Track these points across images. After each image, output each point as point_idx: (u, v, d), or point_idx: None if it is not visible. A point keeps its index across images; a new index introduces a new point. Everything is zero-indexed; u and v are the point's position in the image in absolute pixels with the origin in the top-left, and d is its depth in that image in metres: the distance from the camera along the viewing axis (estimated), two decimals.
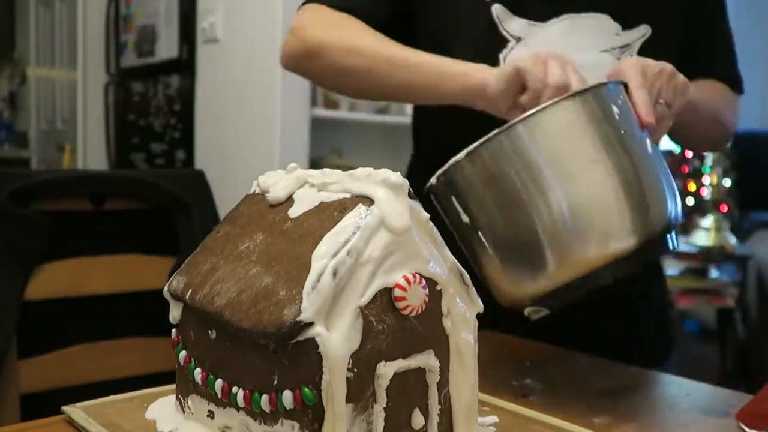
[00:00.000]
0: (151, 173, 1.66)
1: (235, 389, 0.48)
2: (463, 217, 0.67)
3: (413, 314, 0.47)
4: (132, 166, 3.14)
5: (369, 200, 0.47)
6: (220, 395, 0.50)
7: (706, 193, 3.25)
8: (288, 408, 0.44)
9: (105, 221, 1.24)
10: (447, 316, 0.49)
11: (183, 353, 0.54)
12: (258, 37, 2.49)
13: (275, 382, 0.45)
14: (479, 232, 0.67)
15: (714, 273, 2.97)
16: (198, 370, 0.52)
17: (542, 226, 0.63)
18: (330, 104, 2.80)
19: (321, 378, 0.43)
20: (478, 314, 0.52)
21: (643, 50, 0.88)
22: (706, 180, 3.27)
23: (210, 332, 0.51)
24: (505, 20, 0.87)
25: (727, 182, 3.28)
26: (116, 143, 3.30)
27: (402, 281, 0.46)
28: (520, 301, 0.68)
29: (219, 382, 0.50)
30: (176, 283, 0.55)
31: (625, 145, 0.65)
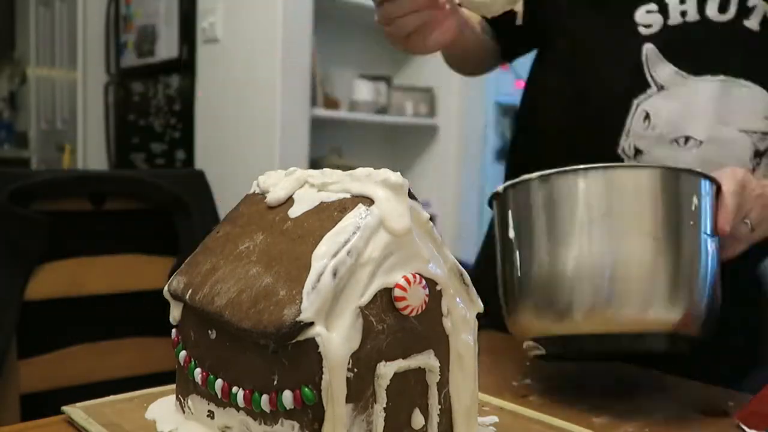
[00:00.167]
0: (151, 173, 1.66)
1: (235, 389, 0.48)
2: (510, 232, 0.68)
3: (413, 314, 0.47)
4: (132, 166, 3.14)
5: (369, 200, 0.47)
6: (220, 395, 0.50)
7: None
8: (288, 408, 0.44)
9: (105, 221, 1.24)
10: (447, 316, 0.49)
11: (183, 353, 0.54)
12: (258, 37, 2.49)
13: (275, 382, 0.45)
14: (518, 252, 0.67)
15: None
16: (198, 370, 0.52)
17: (582, 271, 0.63)
18: (330, 104, 2.80)
19: (321, 378, 0.43)
20: (478, 314, 0.52)
21: None
22: None
23: (210, 332, 0.51)
24: (654, 63, 0.80)
25: None
26: (116, 143, 3.30)
27: (402, 281, 0.46)
28: (526, 331, 0.68)
29: (219, 382, 0.50)
30: (176, 283, 0.55)
31: (684, 234, 0.65)
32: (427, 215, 0.50)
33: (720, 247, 0.68)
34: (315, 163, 2.68)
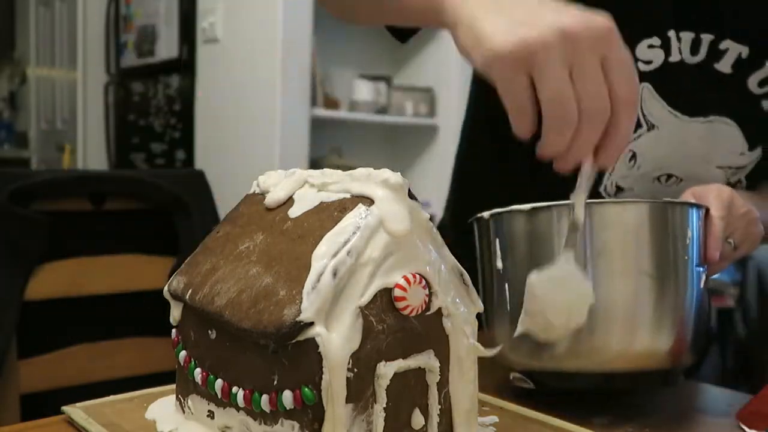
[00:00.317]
0: (151, 173, 1.66)
1: (235, 389, 0.48)
2: (498, 263, 0.66)
3: (413, 314, 0.47)
4: (132, 166, 3.15)
5: (369, 200, 0.47)
6: (220, 395, 0.50)
7: None
8: (288, 408, 0.44)
9: (105, 221, 1.24)
10: (447, 316, 0.49)
11: (183, 353, 0.54)
12: (258, 37, 2.49)
13: (275, 382, 0.45)
14: (507, 284, 0.65)
15: None
16: (198, 370, 0.52)
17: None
18: (330, 104, 2.80)
19: (321, 378, 0.43)
20: (478, 314, 0.52)
21: (753, 172, 0.80)
22: None
23: (210, 332, 0.51)
24: (649, 103, 0.76)
25: None
26: (116, 143, 3.30)
27: (402, 281, 0.46)
28: (513, 363, 0.67)
29: (219, 382, 0.50)
30: (176, 283, 0.55)
31: (680, 271, 0.63)
32: (427, 215, 0.50)
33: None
34: (315, 163, 2.68)
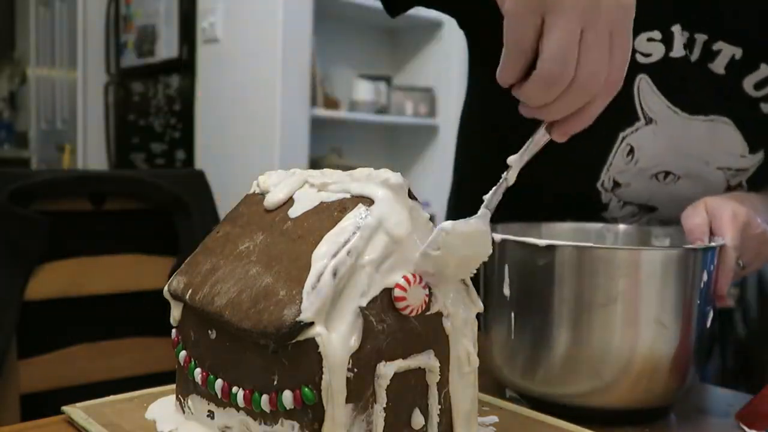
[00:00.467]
0: (151, 173, 1.66)
1: (235, 389, 0.48)
2: (505, 289, 0.65)
3: (413, 314, 0.47)
4: (132, 166, 3.15)
5: (369, 200, 0.47)
6: (220, 395, 0.50)
7: None
8: (288, 408, 0.44)
9: (105, 221, 1.24)
10: (447, 316, 0.49)
11: (183, 353, 0.54)
12: (258, 37, 2.49)
13: (275, 382, 0.45)
14: (513, 312, 0.65)
15: None
16: (198, 370, 0.52)
17: (580, 348, 0.61)
18: (330, 104, 2.80)
19: (321, 378, 0.43)
20: (478, 314, 0.52)
21: (755, 175, 0.79)
22: None
23: (210, 332, 0.51)
24: (646, 95, 0.74)
25: None
26: (116, 143, 3.30)
27: (402, 281, 0.46)
28: (511, 383, 0.67)
29: (219, 382, 0.50)
30: (176, 283, 0.55)
31: (691, 315, 0.62)
32: (427, 215, 0.50)
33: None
34: (315, 163, 2.68)
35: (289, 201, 0.52)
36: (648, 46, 0.72)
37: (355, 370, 0.44)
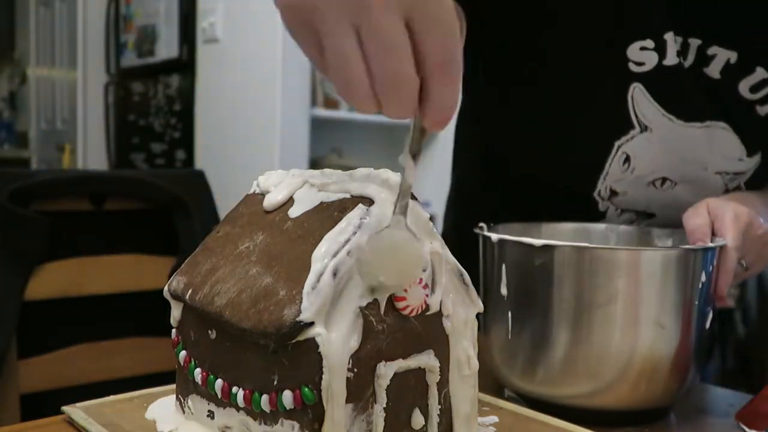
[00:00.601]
0: (151, 173, 1.66)
1: (235, 389, 0.48)
2: (503, 289, 0.65)
3: (413, 314, 0.47)
4: (132, 166, 3.15)
5: (369, 200, 0.47)
6: (220, 395, 0.50)
7: None
8: (288, 408, 0.44)
9: (105, 221, 1.25)
10: (447, 316, 0.49)
11: (183, 353, 0.54)
12: (258, 37, 2.49)
13: (275, 382, 0.45)
14: (511, 313, 0.65)
15: None
16: (198, 370, 0.52)
17: (580, 349, 0.61)
18: (330, 104, 2.80)
19: (321, 378, 0.43)
20: (478, 314, 0.52)
21: (753, 177, 0.79)
22: None
23: (210, 332, 0.51)
24: (641, 103, 0.74)
25: None
26: (116, 143, 3.30)
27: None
28: (510, 384, 0.67)
29: (219, 382, 0.50)
30: (176, 283, 0.55)
31: (691, 315, 0.62)
32: (427, 215, 0.50)
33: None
34: (315, 163, 2.68)
35: (289, 201, 0.52)
36: (641, 55, 0.72)
37: (355, 370, 0.44)
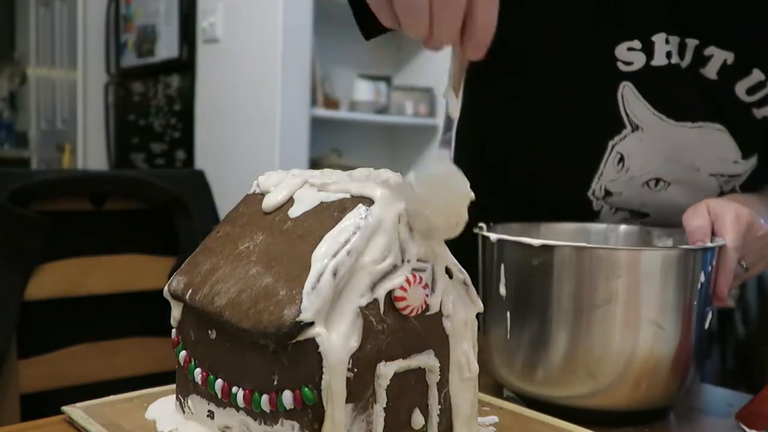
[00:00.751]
0: (151, 173, 1.66)
1: (235, 389, 0.48)
2: (501, 289, 0.65)
3: (413, 314, 0.47)
4: (132, 166, 3.15)
5: (369, 200, 0.47)
6: (220, 395, 0.50)
7: None
8: (288, 408, 0.44)
9: (105, 221, 1.25)
10: (447, 316, 0.49)
11: (183, 353, 0.54)
12: (258, 37, 2.49)
13: (275, 382, 0.45)
14: (509, 313, 0.65)
15: None
16: (198, 370, 0.52)
17: (579, 349, 0.61)
18: (330, 104, 2.80)
19: (321, 378, 0.43)
20: (478, 314, 0.52)
21: (748, 180, 0.78)
22: None
23: (210, 332, 0.51)
24: (631, 102, 0.74)
25: None
26: (116, 143, 3.30)
27: (402, 281, 0.46)
28: (510, 384, 0.67)
29: (219, 382, 0.50)
30: (176, 283, 0.55)
31: (690, 315, 0.62)
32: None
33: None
34: (315, 163, 2.68)
35: (289, 201, 0.52)
36: (628, 55, 0.72)
37: (355, 370, 0.44)
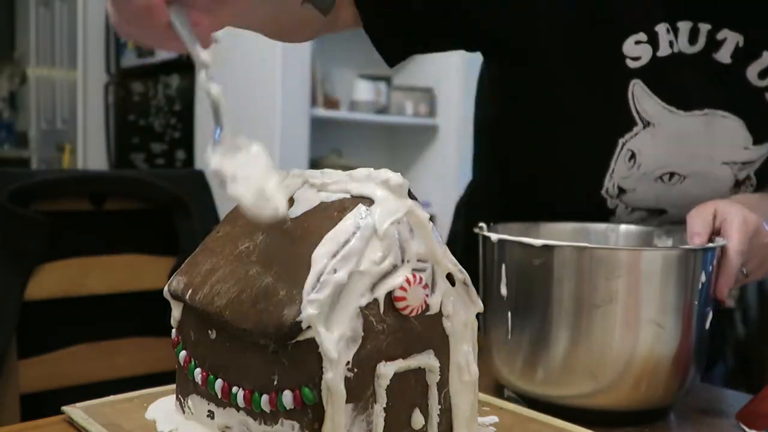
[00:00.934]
0: (151, 173, 1.66)
1: (235, 389, 0.48)
2: (502, 289, 0.65)
3: (413, 314, 0.47)
4: (132, 166, 3.15)
5: (369, 200, 0.47)
6: (220, 395, 0.50)
7: None
8: (288, 408, 0.44)
9: (105, 221, 1.24)
10: (447, 316, 0.49)
11: (183, 353, 0.54)
12: (258, 37, 2.49)
13: (275, 382, 0.45)
14: (510, 313, 0.65)
15: None
16: (198, 370, 0.52)
17: (579, 349, 0.61)
18: (330, 104, 2.80)
19: (321, 378, 0.43)
20: (478, 314, 0.52)
21: (763, 166, 0.78)
22: None
23: (210, 332, 0.51)
24: (641, 99, 0.74)
25: None
26: (116, 143, 3.30)
27: (402, 281, 0.46)
28: (510, 384, 0.67)
29: (219, 382, 0.50)
30: (176, 283, 0.55)
31: (691, 315, 0.62)
32: (427, 215, 0.50)
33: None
34: (315, 163, 2.68)
35: (289, 201, 0.52)
36: (636, 49, 0.72)
37: (355, 370, 0.44)
